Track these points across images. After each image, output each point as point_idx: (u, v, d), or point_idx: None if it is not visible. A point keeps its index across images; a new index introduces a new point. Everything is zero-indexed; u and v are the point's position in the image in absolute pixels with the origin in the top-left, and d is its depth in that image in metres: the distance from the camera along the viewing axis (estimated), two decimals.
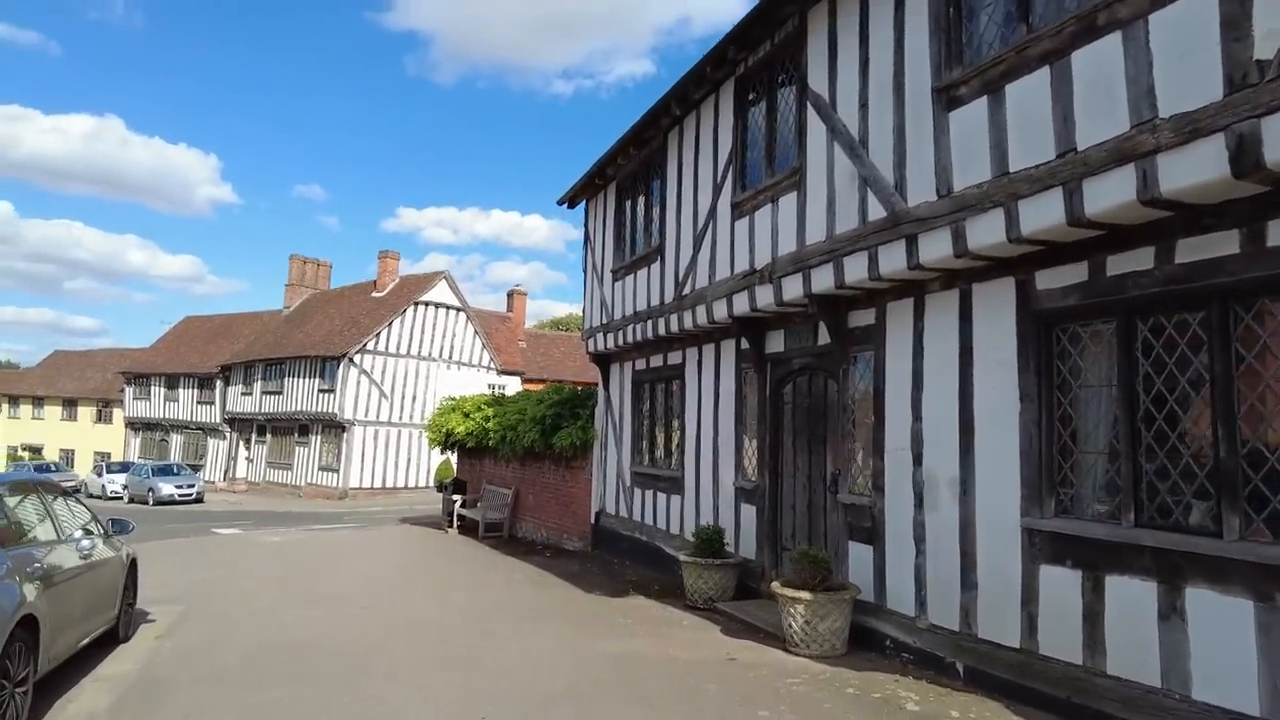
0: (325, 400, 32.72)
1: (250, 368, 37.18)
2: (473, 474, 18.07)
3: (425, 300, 34.46)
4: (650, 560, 10.55)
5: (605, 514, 12.39)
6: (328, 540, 15.97)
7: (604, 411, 12.65)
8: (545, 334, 46.96)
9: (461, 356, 35.69)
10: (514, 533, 15.45)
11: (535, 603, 8.83)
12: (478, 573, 11.25)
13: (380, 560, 12.93)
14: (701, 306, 8.82)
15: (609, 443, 12.38)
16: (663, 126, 9.95)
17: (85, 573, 6.00)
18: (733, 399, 8.86)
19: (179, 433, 40.82)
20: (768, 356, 8.30)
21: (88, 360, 50.31)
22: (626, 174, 11.38)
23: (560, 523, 13.95)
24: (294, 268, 42.38)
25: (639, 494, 11.20)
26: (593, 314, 12.52)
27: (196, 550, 14.09)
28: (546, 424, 13.34)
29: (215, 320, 45.61)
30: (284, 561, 12.52)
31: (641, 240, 10.95)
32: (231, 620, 8.06)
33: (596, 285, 12.37)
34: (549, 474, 14.41)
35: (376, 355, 32.98)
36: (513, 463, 15.80)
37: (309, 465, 33.69)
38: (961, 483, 5.74)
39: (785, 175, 7.45)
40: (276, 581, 10.53)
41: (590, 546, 12.72)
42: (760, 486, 8.24)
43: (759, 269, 7.68)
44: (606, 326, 11.81)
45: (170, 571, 11.40)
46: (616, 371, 12.31)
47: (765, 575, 8.10)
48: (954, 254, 5.47)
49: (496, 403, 16.52)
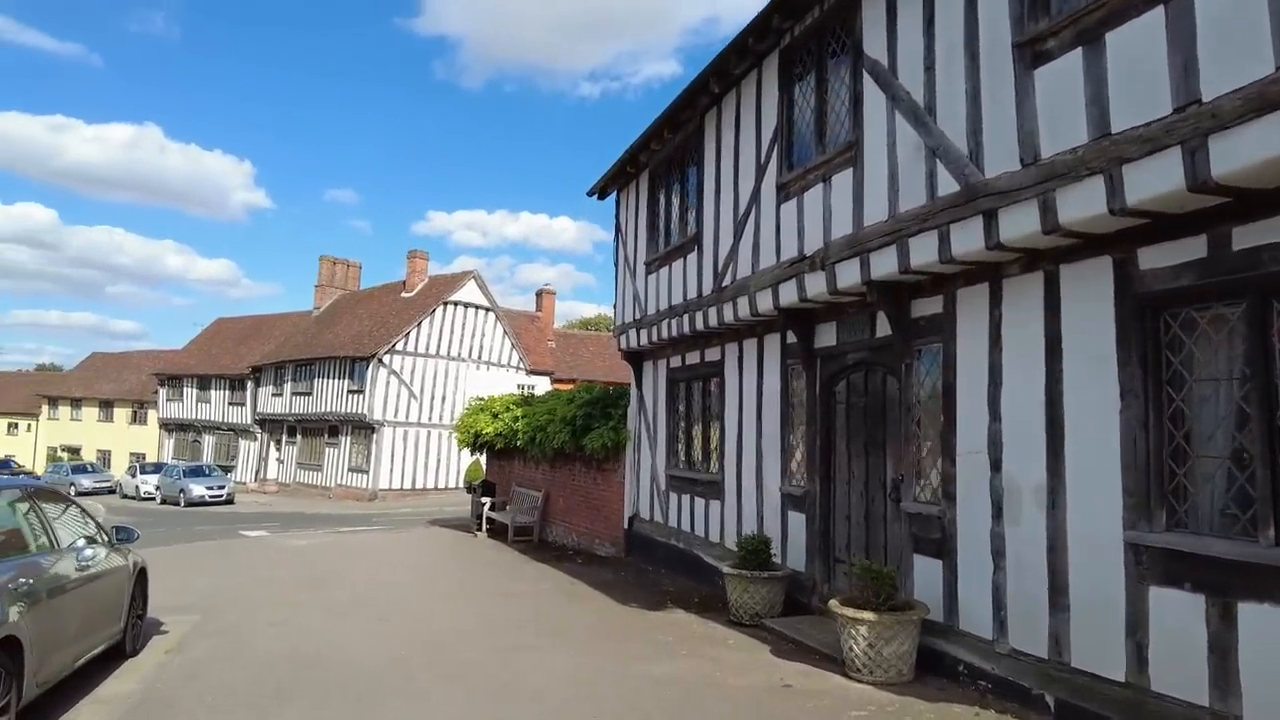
0: (355, 401, 32.54)
1: (280, 369, 37.18)
2: (502, 476, 17.59)
3: (454, 300, 34.16)
4: (688, 569, 9.94)
5: (639, 519, 11.80)
6: (354, 544, 15.58)
7: (637, 411, 12.07)
8: (574, 334, 46.52)
9: (490, 356, 35.34)
10: (544, 537, 14.93)
11: (567, 615, 8.26)
12: (506, 580, 10.72)
13: (406, 565, 12.47)
14: (743, 298, 8.19)
15: (642, 444, 11.79)
16: (700, 107, 9.33)
17: (84, 585, 5.56)
18: (778, 398, 8.22)
19: (211, 434, 41.00)
20: (817, 351, 7.64)
21: (124, 362, 50.88)
22: (660, 160, 10.78)
23: (591, 527, 13.39)
24: (324, 268, 42.39)
25: (675, 498, 10.60)
26: (624, 309, 11.94)
27: (220, 554, 13.75)
28: (577, 424, 12.79)
29: (246, 321, 45.81)
30: (307, 566, 12.11)
31: (676, 230, 10.35)
32: (247, 631, 7.60)
33: (629, 279, 11.79)
34: (579, 476, 13.86)
35: (406, 356, 32.73)
36: (542, 464, 15.28)
37: (339, 466, 33.55)
38: (1050, 491, 5.05)
39: (839, 151, 6.80)
40: (298, 588, 10.09)
41: (623, 553, 12.14)
42: (810, 493, 7.59)
43: (809, 255, 7.04)
44: (639, 322, 11.22)
45: (191, 576, 11.03)
46: (650, 369, 11.71)
47: (816, 589, 7.46)
48: (1042, 230, 4.79)
49: (525, 403, 16.01)
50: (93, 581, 5.75)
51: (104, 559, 6.05)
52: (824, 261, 6.81)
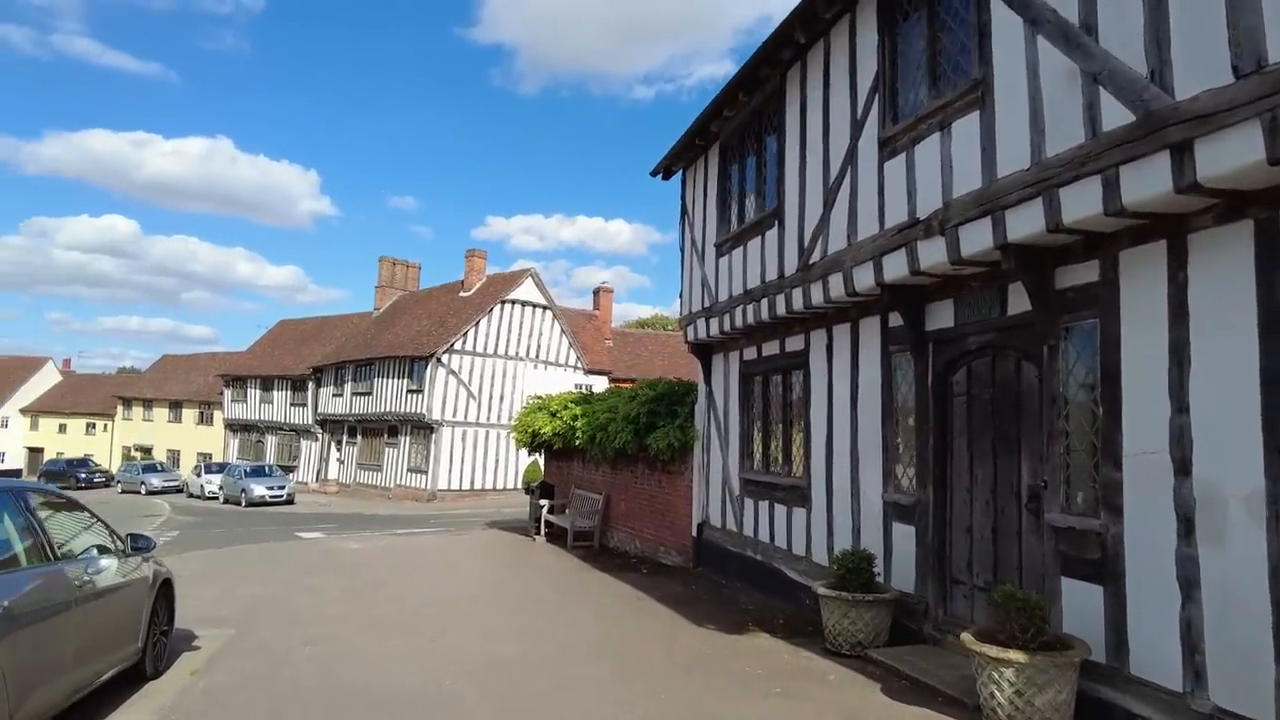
0: (413, 401, 32.27)
1: (341, 369, 37.24)
2: (560, 477, 16.76)
3: (512, 299, 33.65)
4: (767, 585, 8.88)
5: (709, 526, 10.77)
6: (409, 548, 14.92)
7: (705, 409, 11.05)
8: (633, 332, 45.69)
9: (548, 355, 34.73)
10: (605, 542, 14.02)
11: (637, 638, 7.29)
12: (567, 593, 9.82)
13: (461, 574, 11.69)
14: (836, 275, 7.10)
15: (712, 445, 10.77)
16: (781, 63, 8.27)
17: (87, 603, 4.81)
18: (877, 390, 7.11)
19: (274, 434, 41.39)
20: (928, 335, 6.51)
21: (192, 364, 52.01)
22: (733, 130, 9.74)
23: (656, 534, 12.41)
24: (384, 269, 42.46)
25: (750, 505, 9.55)
26: (692, 297, 10.93)
27: (271, 558, 13.22)
28: (640, 423, 11.83)
29: (308, 323, 46.24)
30: (358, 574, 11.43)
31: (752, 206, 9.29)
32: (283, 651, 6.84)
33: (696, 264, 10.78)
34: (643, 479, 12.90)
35: (464, 355, 32.34)
36: (602, 466, 14.37)
37: (398, 466, 33.34)
38: (1272, 501, 3.88)
39: (961, 93, 5.67)
40: (345, 599, 9.37)
41: (692, 563, 11.13)
42: (921, 501, 6.47)
43: (923, 219, 5.93)
44: (708, 310, 10.20)
45: (235, 583, 10.44)
46: (720, 363, 10.68)
47: (929, 615, 6.33)
48: (1268, 159, 3.63)
49: (584, 401, 15.13)
50: (100, 598, 5.02)
51: (115, 571, 5.32)
52: (943, 225, 5.69)
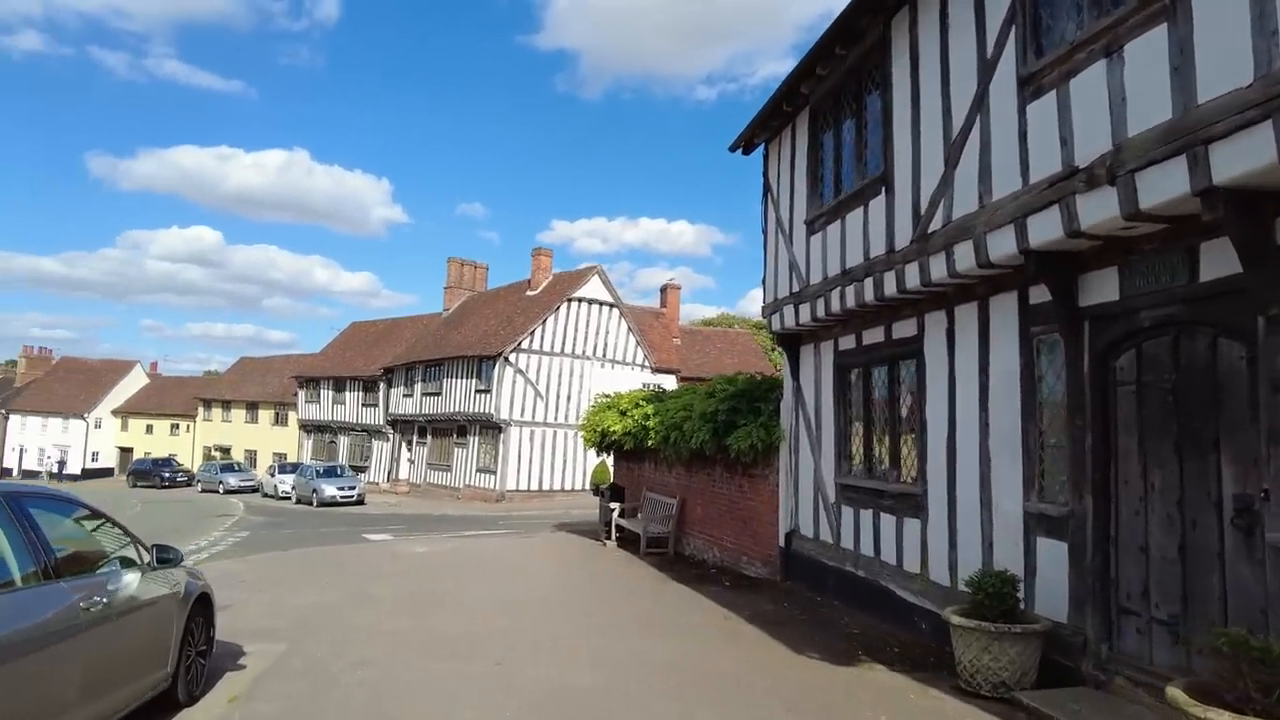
0: (482, 401, 31.98)
1: (411, 369, 37.31)
2: (631, 479, 15.91)
3: (578, 297, 33.04)
4: (873, 605, 7.81)
5: (799, 536, 9.73)
6: (476, 551, 14.28)
7: (793, 406, 10.01)
8: (701, 330, 44.67)
9: (615, 354, 34.00)
10: (680, 550, 13.09)
11: (729, 666, 6.33)
12: (643, 607, 8.93)
13: (528, 582, 10.92)
14: (964, 245, 6.01)
15: (801, 445, 9.72)
16: (885, 7, 7.20)
17: (96, 628, 4.12)
18: (1015, 381, 5.99)
19: (346, 434, 41.83)
20: (1085, 311, 5.38)
21: (268, 366, 53.23)
22: (825, 92, 8.69)
23: (737, 542, 11.42)
24: (452, 270, 42.49)
25: (849, 514, 8.48)
26: (777, 282, 9.90)
27: (334, 562, 12.72)
28: (719, 422, 10.85)
29: (379, 325, 46.70)
30: (422, 581, 10.78)
31: (851, 174, 8.23)
32: (334, 673, 6.14)
33: (783, 245, 9.75)
34: (721, 483, 11.92)
35: (531, 354, 31.88)
36: (676, 467, 13.46)
37: (467, 467, 33.11)
38: None
39: (1136, 7, 4.54)
40: (405, 610, 8.69)
41: (779, 575, 10.10)
42: (1076, 513, 5.33)
43: (1083, 167, 4.82)
44: (797, 296, 9.17)
45: (294, 589, 9.89)
46: (810, 354, 9.62)
47: (1090, 651, 5.19)
48: None
49: (656, 398, 14.24)
50: (115, 620, 4.34)
51: (135, 588, 4.64)
52: (1112, 173, 4.57)
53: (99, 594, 4.22)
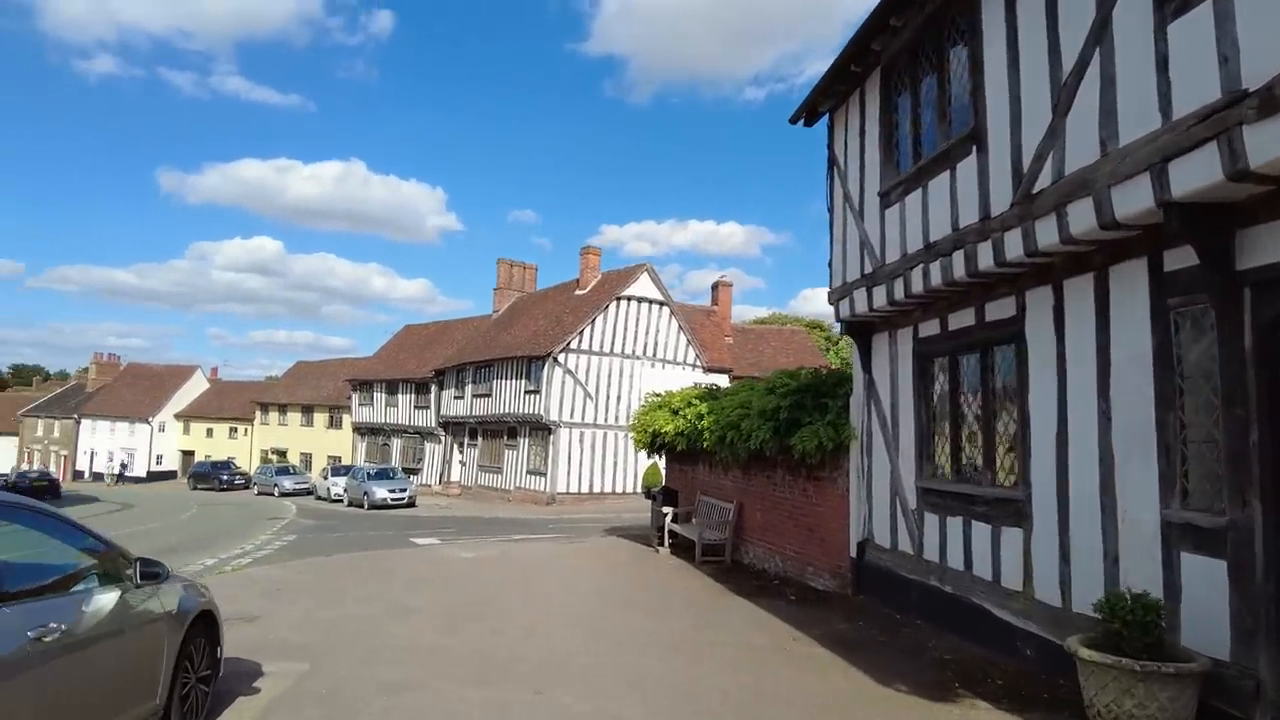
0: (531, 402, 31.50)
1: (461, 371, 37.10)
2: (684, 482, 15.08)
3: (627, 295, 32.32)
4: (964, 626, 6.84)
5: (873, 545, 8.78)
6: (523, 558, 13.61)
7: (863, 402, 9.06)
8: (754, 328, 43.56)
9: (666, 354, 33.17)
10: (737, 557, 12.21)
11: (803, 701, 5.45)
12: (702, 625, 8.09)
13: (576, 593, 10.17)
14: (1081, 203, 5.04)
15: (874, 445, 8.78)
16: None
17: (57, 659, 3.49)
18: (1147, 364, 4.99)
19: (398, 437, 41.87)
20: (1246, 276, 4.37)
21: (322, 370, 53.81)
22: (899, 47, 7.74)
23: (801, 551, 10.49)
24: (501, 271, 42.26)
25: (934, 522, 7.51)
26: (846, 264, 8.96)
27: (375, 568, 12.17)
28: (780, 419, 9.94)
29: (431, 327, 46.75)
30: (464, 590, 10.14)
31: (933, 135, 7.28)
32: (357, 700, 5.48)
33: (852, 222, 8.81)
34: (783, 486, 11.01)
35: (580, 354, 31.28)
36: (733, 470, 12.58)
37: (518, 469, 32.67)
38: None
39: None
40: (443, 624, 8.03)
41: (850, 589, 9.16)
42: (1239, 524, 4.33)
43: (1254, 88, 3.84)
44: (870, 278, 8.23)
45: (329, 599, 9.32)
46: (885, 344, 8.67)
47: (1262, 698, 4.19)
48: None
49: (710, 396, 13.38)
50: (84, 648, 3.71)
51: (111, 610, 4.00)
52: None
53: (62, 619, 3.58)
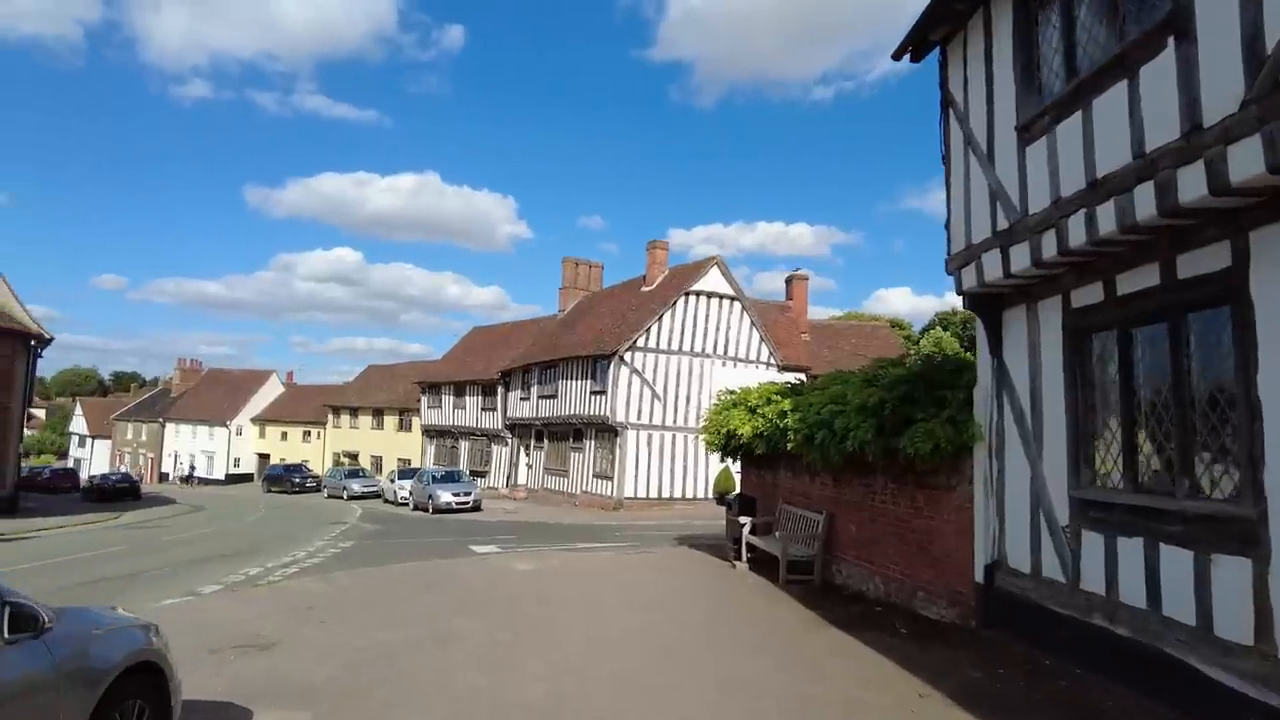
0: (597, 403, 30.31)
1: (527, 372, 36.25)
2: (763, 488, 13.52)
3: (696, 290, 30.82)
4: (1149, 680, 5.17)
5: (1006, 570, 7.11)
6: (585, 570, 12.31)
7: (992, 393, 7.40)
8: (832, 324, 41.45)
9: (737, 351, 31.53)
10: (829, 577, 10.62)
11: None
12: (795, 666, 6.57)
13: (642, 618, 8.78)
14: None
15: (1008, 446, 7.11)
16: None
17: None
18: None
19: (466, 439, 41.34)
20: None
21: (393, 373, 53.97)
22: None
23: (909, 572, 8.85)
24: (566, 270, 41.38)
25: (1096, 542, 5.83)
26: (970, 221, 7.30)
27: (423, 582, 11.04)
28: (885, 415, 8.33)
29: (499, 329, 46.27)
30: (514, 611, 8.88)
31: (1099, 40, 5.61)
32: None
33: (977, 169, 7.16)
34: (886, 495, 9.38)
35: (647, 353, 29.93)
36: (821, 475, 11.00)
37: (584, 472, 31.52)
38: None
39: None
40: (484, 657, 6.76)
41: (974, 619, 7.50)
42: None
43: None
44: (1006, 235, 6.57)
45: (362, 622, 8.17)
46: (1021, 320, 6.99)
47: None
48: None
49: (794, 392, 11.81)
50: None
51: None
52: None
53: None
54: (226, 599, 9.53)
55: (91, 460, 66.51)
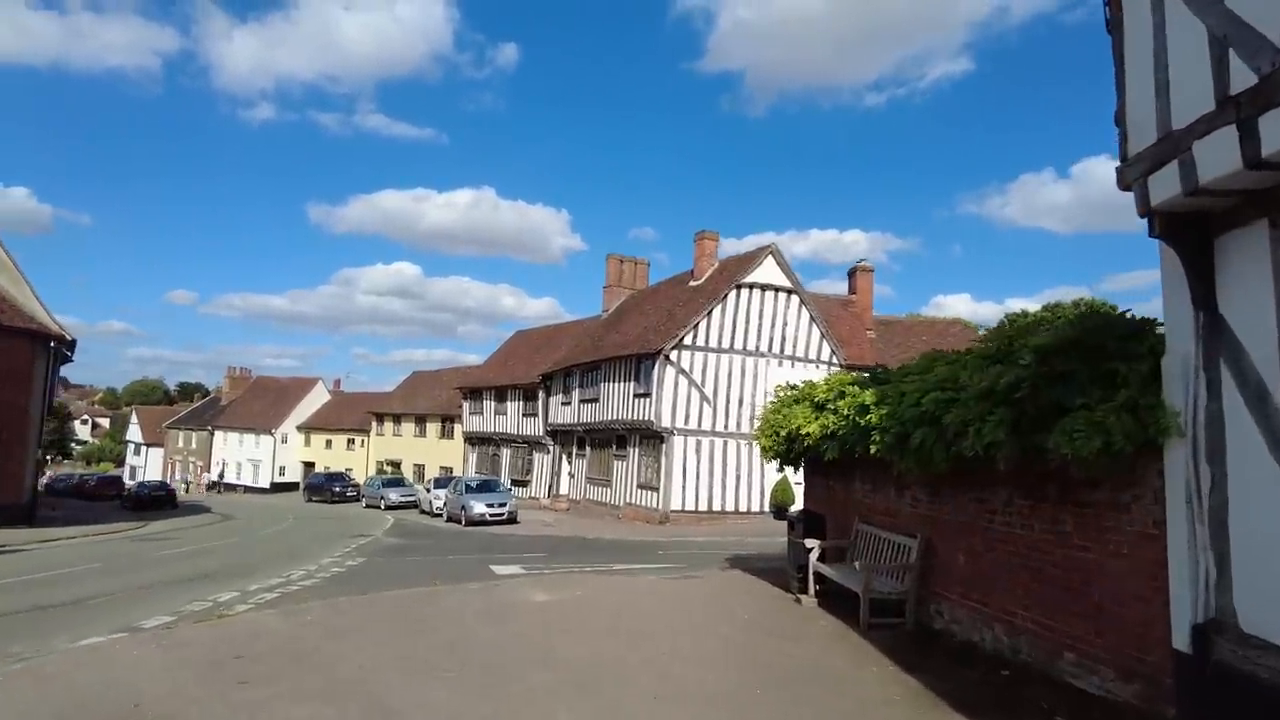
0: (641, 406, 28.03)
1: (568, 375, 34.22)
2: (833, 504, 11.03)
3: (749, 282, 28.32)
4: None
5: (1235, 635, 4.54)
6: (615, 605, 9.98)
7: (1196, 365, 4.86)
8: (899, 320, 38.44)
9: (795, 349, 28.89)
10: (925, 619, 8.13)
11: None
12: None
13: (678, 687, 6.41)
14: None
15: (1228, 443, 4.57)
16: None
17: None
18: None
19: (508, 446, 39.52)
20: None
21: (436, 379, 52.61)
22: None
23: (1055, 624, 6.29)
24: (611, 268, 39.31)
25: None
26: (1166, 102, 4.76)
27: (409, 619, 8.85)
28: (1023, 400, 5.79)
29: (541, 332, 44.51)
30: (505, 674, 6.62)
31: None
32: None
33: (1181, 10, 4.65)
34: (1011, 513, 6.86)
35: (695, 351, 27.54)
36: (913, 487, 8.54)
37: (627, 482, 29.23)
38: None
39: None
40: None
41: (1179, 711, 4.94)
42: None
43: None
44: (1253, 98, 4.06)
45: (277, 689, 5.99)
46: (1258, 246, 4.45)
47: None
48: None
49: (877, 380, 9.29)
50: None
51: None
52: None
53: None
54: (144, 644, 7.52)
55: (145, 467, 66.98)
